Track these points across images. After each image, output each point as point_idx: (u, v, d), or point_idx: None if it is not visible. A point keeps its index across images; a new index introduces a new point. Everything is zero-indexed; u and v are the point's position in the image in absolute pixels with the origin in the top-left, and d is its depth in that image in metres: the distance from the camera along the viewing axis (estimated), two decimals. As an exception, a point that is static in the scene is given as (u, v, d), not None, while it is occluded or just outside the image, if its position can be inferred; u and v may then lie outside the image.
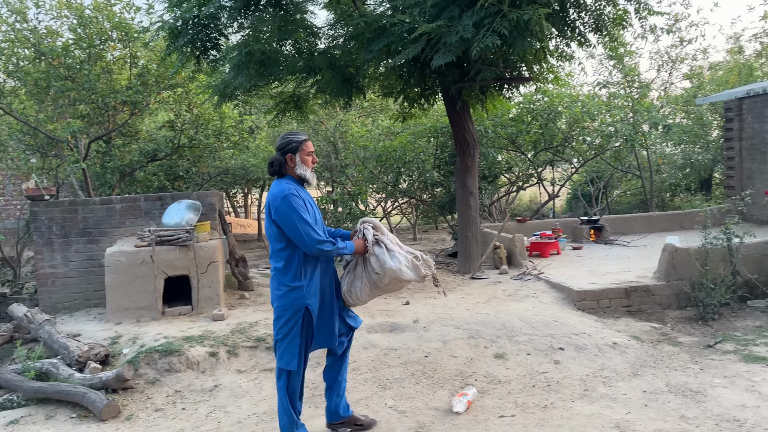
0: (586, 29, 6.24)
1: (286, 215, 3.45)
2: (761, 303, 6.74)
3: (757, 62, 15.39)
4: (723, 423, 3.82)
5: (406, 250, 3.79)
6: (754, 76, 14.90)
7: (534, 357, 5.23)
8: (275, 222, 3.50)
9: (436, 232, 16.72)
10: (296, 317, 3.54)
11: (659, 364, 5.05)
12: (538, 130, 12.06)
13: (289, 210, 3.44)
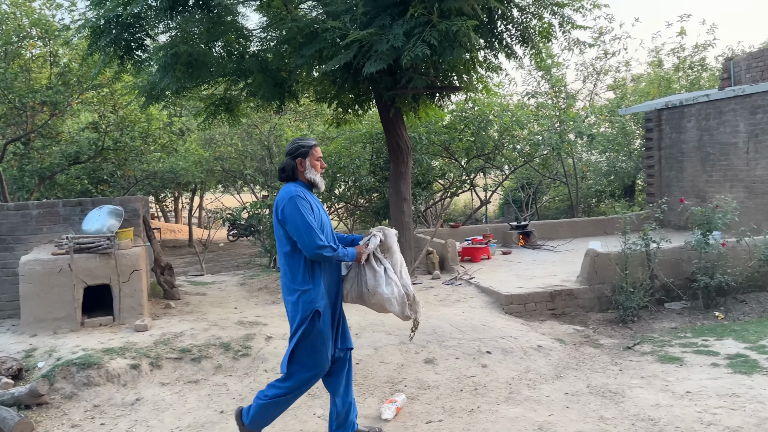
0: (513, 41, 6.43)
1: (290, 216, 3.46)
2: (677, 305, 7.11)
3: (675, 75, 16.30)
4: (639, 423, 3.99)
5: (403, 283, 3.75)
6: (672, 89, 15.76)
7: (463, 361, 5.31)
8: (281, 223, 3.52)
9: (373, 238, 16.77)
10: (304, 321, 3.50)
11: (581, 366, 5.23)
12: (470, 138, 12.31)
13: (294, 211, 3.46)
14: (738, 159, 10.68)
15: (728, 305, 7.01)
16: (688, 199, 11.06)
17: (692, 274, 7.07)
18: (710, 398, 4.32)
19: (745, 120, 10.47)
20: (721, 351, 5.42)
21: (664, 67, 16.51)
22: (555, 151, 12.34)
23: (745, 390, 4.43)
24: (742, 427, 3.80)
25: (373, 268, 3.70)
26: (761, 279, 7.48)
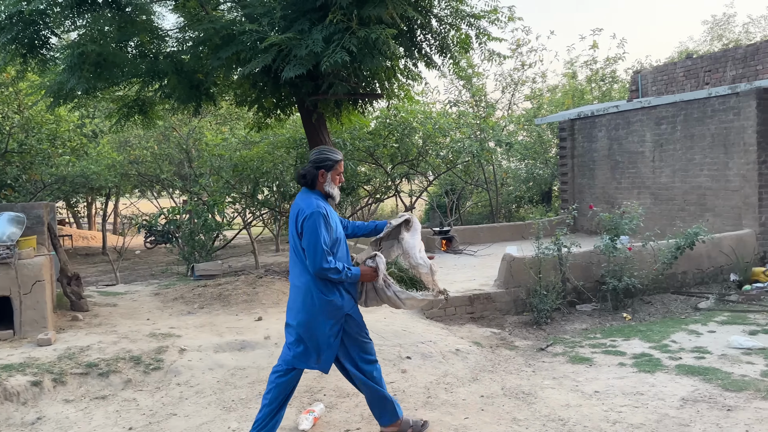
0: (432, 51, 6.54)
1: (308, 231, 3.56)
2: (588, 307, 7.43)
3: (588, 87, 17.12)
4: (549, 423, 4.12)
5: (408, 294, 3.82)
6: (585, 99, 16.54)
7: (383, 367, 5.25)
8: (299, 234, 3.62)
9: (300, 243, 16.57)
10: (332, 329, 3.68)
11: (497, 369, 5.35)
12: (394, 144, 12.43)
13: (312, 229, 3.55)
14: (644, 167, 11.33)
15: (635, 306, 7.40)
16: (599, 205, 11.61)
17: (601, 277, 7.41)
18: (616, 397, 4.52)
19: (651, 130, 11.12)
20: (628, 351, 5.70)
21: (578, 79, 17.31)
22: (476, 158, 12.65)
23: (648, 388, 4.68)
24: (644, 424, 4.00)
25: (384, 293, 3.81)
26: (665, 281, 7.95)
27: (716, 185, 9.84)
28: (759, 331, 6.11)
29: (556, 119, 13.62)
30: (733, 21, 23.78)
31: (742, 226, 9.30)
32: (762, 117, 9.08)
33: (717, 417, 4.03)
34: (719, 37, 23.28)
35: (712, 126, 9.88)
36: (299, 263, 3.68)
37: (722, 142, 9.68)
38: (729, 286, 8.28)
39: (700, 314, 7.03)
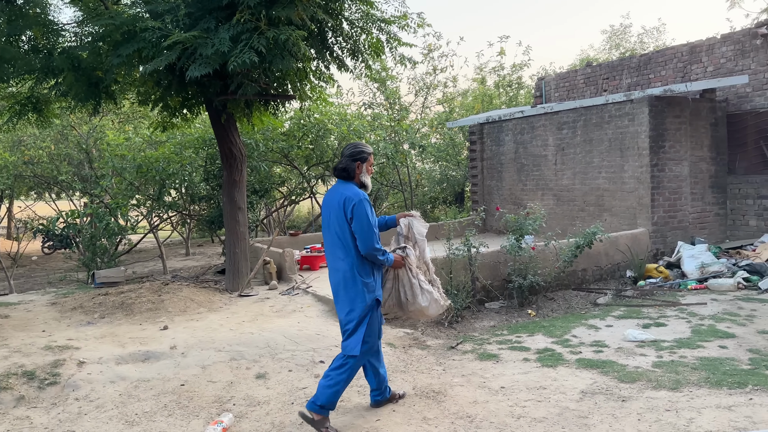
0: (344, 54, 6.55)
1: (359, 216, 3.97)
2: (496, 305, 7.68)
3: (496, 92, 17.73)
4: (458, 420, 4.22)
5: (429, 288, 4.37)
6: (494, 104, 17.11)
7: (296, 373, 5.25)
8: (348, 220, 3.99)
9: (213, 246, 16.10)
10: (369, 311, 4.06)
11: (409, 369, 5.42)
12: (309, 146, 12.34)
13: (363, 213, 3.99)
14: (548, 170, 11.86)
15: (539, 303, 7.73)
16: (506, 206, 12.05)
17: (508, 275, 7.69)
18: (521, 392, 4.70)
19: (553, 135, 11.67)
20: (532, 346, 5.94)
21: (487, 84, 17.89)
22: (390, 160, 12.79)
23: (550, 382, 4.89)
24: (546, 417, 4.18)
25: (409, 281, 4.32)
26: (567, 278, 8.36)
27: (613, 187, 10.47)
28: (651, 325, 6.54)
29: (467, 123, 14.01)
30: (629, 31, 25.44)
31: (636, 225, 9.94)
32: (654, 123, 9.76)
33: (613, 408, 4.28)
34: (617, 46, 24.80)
35: (609, 131, 10.50)
36: (342, 247, 4.07)
37: (618, 146, 10.31)
38: (625, 282, 8.83)
39: (598, 309, 7.44)
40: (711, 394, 4.40)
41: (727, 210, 10.62)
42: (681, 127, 10.02)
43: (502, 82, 17.27)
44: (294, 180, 13.59)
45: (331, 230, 4.13)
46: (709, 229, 10.40)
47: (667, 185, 9.93)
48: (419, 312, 4.43)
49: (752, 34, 10.16)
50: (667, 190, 9.94)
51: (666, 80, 11.50)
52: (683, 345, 5.73)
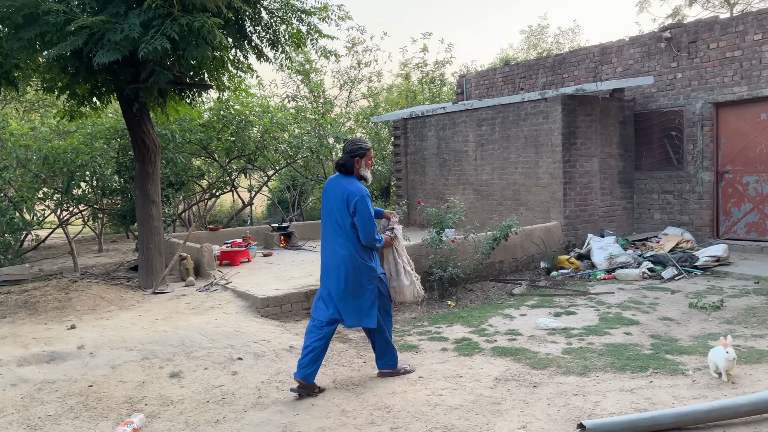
0: (263, 44, 6.42)
1: (362, 210, 4.47)
2: (417, 297, 7.79)
3: (420, 88, 17.95)
4: (376, 411, 4.25)
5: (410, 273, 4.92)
6: (418, 100, 17.31)
7: (212, 371, 5.12)
8: (352, 213, 4.49)
9: (128, 242, 15.39)
10: (373, 287, 4.62)
11: (329, 362, 5.41)
12: (230, 138, 12.03)
13: (365, 208, 4.49)
14: (468, 165, 12.14)
15: (459, 294, 7.91)
16: (429, 200, 12.24)
17: (429, 268, 7.82)
18: (438, 381, 4.79)
19: (473, 131, 11.95)
20: (450, 336, 6.07)
21: (411, 80, 18.07)
22: (315, 153, 12.68)
23: (466, 370, 5.01)
24: (461, 405, 4.28)
25: (394, 259, 4.85)
26: (485, 270, 8.60)
27: (529, 182, 10.85)
28: (562, 313, 6.84)
29: (391, 118, 14.11)
30: (546, 32, 26.38)
31: (550, 218, 10.35)
32: (566, 120, 10.18)
33: (524, 393, 4.44)
34: (534, 46, 25.68)
35: (525, 128, 10.86)
36: (343, 235, 4.55)
37: (534, 143, 10.69)
38: (539, 273, 9.18)
39: (514, 299, 7.70)
40: (616, 378, 4.64)
41: (634, 204, 11.25)
42: (592, 125, 10.52)
43: (426, 78, 17.51)
44: (214, 173, 13.21)
45: (332, 218, 4.61)
46: (618, 222, 10.98)
47: (578, 180, 10.39)
48: (399, 291, 4.87)
49: (657, 37, 10.79)
50: (579, 185, 10.41)
51: (579, 80, 12.02)
52: (591, 332, 6.03)
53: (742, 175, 9.93)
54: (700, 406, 3.71)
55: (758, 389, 4.10)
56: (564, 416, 3.95)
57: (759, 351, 5.15)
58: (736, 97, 9.70)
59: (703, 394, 4.19)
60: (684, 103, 10.40)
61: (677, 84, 10.49)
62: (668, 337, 5.83)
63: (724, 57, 9.80)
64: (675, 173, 10.65)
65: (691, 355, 5.16)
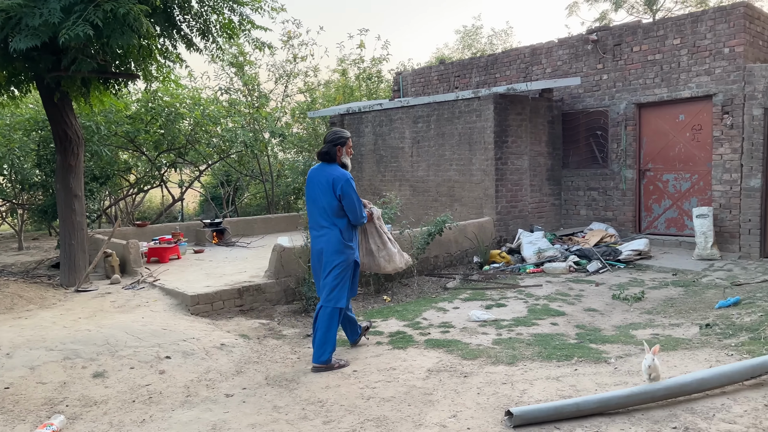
0: (193, 33, 6.23)
1: (348, 193, 4.84)
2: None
3: (357, 85, 17.93)
4: (309, 406, 4.22)
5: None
6: (354, 96, 17.29)
7: (138, 370, 4.95)
8: (339, 197, 4.83)
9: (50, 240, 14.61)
10: (349, 268, 4.99)
11: (263, 359, 5.34)
12: (159, 130, 11.63)
13: (351, 190, 4.86)
14: (405, 161, 12.25)
15: (395, 289, 7.97)
16: (366, 197, 12.25)
17: (365, 263, 7.83)
18: (372, 374, 4.81)
19: (409, 128, 12.05)
20: (386, 330, 6.11)
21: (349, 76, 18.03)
22: (249, 148, 12.44)
23: (400, 363, 5.06)
24: (394, 396, 4.32)
25: (377, 231, 5.33)
26: (420, 265, 8.69)
27: (463, 178, 11.06)
28: (493, 305, 7.01)
29: (327, 113, 14.03)
30: (480, 32, 26.92)
31: (483, 214, 10.58)
32: (498, 119, 10.43)
33: (455, 383, 4.52)
34: (469, 46, 26.16)
35: (459, 125, 11.05)
36: (329, 218, 4.91)
37: (467, 140, 10.89)
38: (472, 267, 9.38)
39: (448, 293, 7.83)
40: (542, 367, 4.80)
41: (562, 200, 11.66)
42: (522, 123, 10.82)
43: (363, 74, 17.50)
44: (142, 167, 12.74)
45: (317, 204, 4.94)
46: (546, 217, 11.35)
47: (509, 177, 10.68)
48: (389, 259, 5.36)
49: (584, 39, 11.21)
50: (510, 182, 10.69)
51: (510, 79, 12.33)
52: (520, 323, 6.21)
53: (662, 172, 10.47)
54: (620, 391, 3.89)
55: (674, 374, 4.33)
56: (493, 404, 4.05)
57: (676, 339, 5.45)
58: (657, 99, 10.21)
59: (624, 380, 4.39)
60: (609, 104, 10.86)
61: (603, 85, 10.94)
62: (592, 327, 6.08)
63: (646, 60, 10.30)
64: (600, 171, 11.11)
65: (614, 343, 5.40)
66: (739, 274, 8.01)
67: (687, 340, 5.39)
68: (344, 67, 17.33)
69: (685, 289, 7.45)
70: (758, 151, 8.97)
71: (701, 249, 9.14)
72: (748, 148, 9.06)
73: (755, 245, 9.07)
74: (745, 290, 7.03)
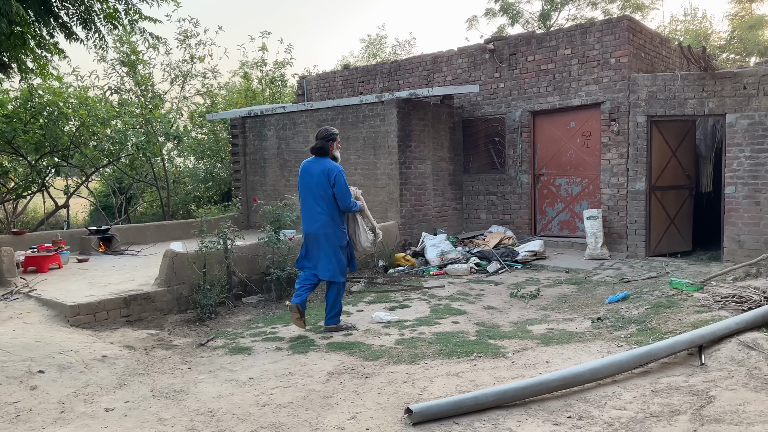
0: (73, 21, 5.73)
1: (340, 183, 5.65)
2: (254, 299, 7.48)
3: (260, 88, 17.50)
4: (198, 417, 3.93)
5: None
6: (257, 100, 16.86)
7: (5, 387, 4.42)
8: (332, 185, 5.65)
9: None
10: (344, 248, 5.88)
11: (149, 371, 4.96)
12: (39, 131, 10.71)
13: (342, 180, 5.68)
14: (308, 166, 12.02)
15: (296, 294, 7.72)
16: (270, 203, 11.90)
17: (267, 268, 7.56)
18: (269, 380, 4.58)
19: (314, 131, 11.85)
20: (286, 335, 5.88)
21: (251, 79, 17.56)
22: (141, 151, 11.73)
23: (300, 368, 4.86)
24: (291, 402, 4.11)
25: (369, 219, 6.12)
26: (323, 269, 8.50)
27: (368, 183, 11.01)
28: (397, 307, 6.95)
29: (228, 116, 13.57)
30: (384, 42, 27.22)
31: (388, 218, 10.57)
32: (401, 123, 10.48)
33: (356, 385, 4.38)
34: (374, 55, 26.37)
35: (364, 130, 11.01)
36: (323, 204, 5.72)
37: (372, 145, 10.87)
38: (378, 270, 9.31)
39: (352, 296, 7.70)
40: (443, 364, 4.77)
41: (463, 204, 11.89)
42: (425, 129, 10.95)
43: (265, 78, 17.11)
44: (22, 171, 11.69)
45: (312, 192, 5.73)
46: (449, 221, 11.53)
47: (413, 182, 10.75)
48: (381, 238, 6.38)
49: (482, 48, 11.54)
50: (414, 186, 10.77)
51: (413, 86, 12.47)
52: (423, 323, 6.18)
53: (555, 177, 10.93)
54: (517, 383, 3.91)
55: (568, 365, 4.43)
56: (393, 403, 3.95)
57: (569, 332, 5.62)
58: (550, 107, 10.66)
59: (521, 373, 4.44)
60: (506, 111, 11.22)
61: (500, 93, 11.29)
62: (491, 324, 6.17)
63: (540, 69, 10.74)
64: (498, 176, 11.44)
65: (511, 339, 5.48)
66: (627, 272, 8.46)
67: (580, 333, 5.57)
68: (246, 70, 16.85)
69: (577, 287, 7.76)
70: (642, 156, 9.56)
71: (592, 249, 9.60)
72: (633, 153, 9.64)
73: (641, 245, 9.64)
74: (632, 286, 7.41)
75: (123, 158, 12.62)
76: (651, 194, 9.62)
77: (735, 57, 19.03)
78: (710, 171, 10.43)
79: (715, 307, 5.56)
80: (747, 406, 3.54)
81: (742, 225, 8.67)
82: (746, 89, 8.56)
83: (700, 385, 3.93)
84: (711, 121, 10.27)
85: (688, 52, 9.03)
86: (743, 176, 8.65)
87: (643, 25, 10.56)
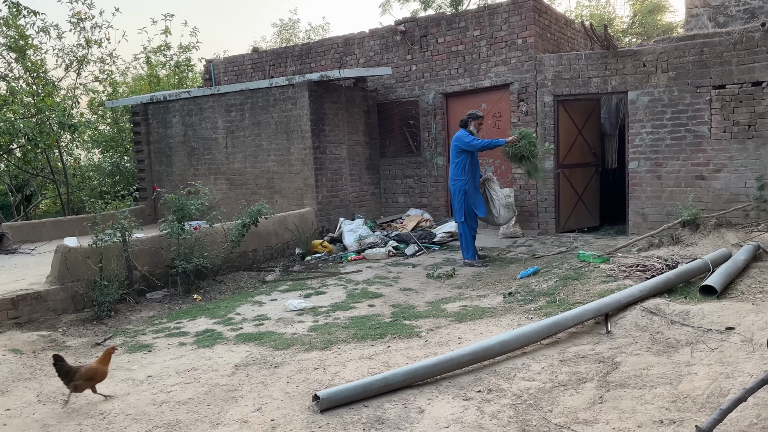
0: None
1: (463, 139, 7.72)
2: (158, 294, 7.06)
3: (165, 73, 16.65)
4: (86, 420, 3.60)
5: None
6: (162, 86, 16.03)
7: None
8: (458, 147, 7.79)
9: None
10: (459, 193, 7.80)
11: (36, 375, 4.53)
12: None
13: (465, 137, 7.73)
14: (219, 153, 11.56)
15: (207, 287, 7.38)
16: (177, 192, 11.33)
17: (172, 260, 7.15)
18: (170, 377, 4.29)
19: (222, 117, 11.39)
20: (192, 330, 5.57)
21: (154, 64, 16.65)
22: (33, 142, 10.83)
23: (204, 362, 4.59)
24: (192, 398, 3.85)
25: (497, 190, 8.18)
26: (237, 259, 8.18)
27: (282, 169, 10.69)
28: (313, 294, 6.76)
29: (129, 103, 12.80)
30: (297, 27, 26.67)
31: (304, 205, 10.32)
32: (314, 107, 10.22)
33: (264, 375, 4.17)
34: (287, 40, 25.77)
35: (275, 114, 10.66)
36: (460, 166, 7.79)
37: (284, 129, 10.55)
38: (294, 258, 9.06)
39: (266, 286, 7.43)
40: (356, 348, 4.63)
41: (381, 189, 11.80)
42: (339, 112, 10.73)
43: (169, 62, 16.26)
44: None
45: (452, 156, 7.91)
46: (367, 206, 11.41)
47: (329, 167, 10.53)
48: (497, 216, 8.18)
49: (393, 30, 11.43)
50: (330, 171, 10.55)
51: (325, 69, 12.20)
52: (338, 308, 6.02)
53: (469, 158, 11.01)
54: (427, 361, 3.83)
55: (480, 339, 4.40)
56: (302, 391, 3.77)
57: (482, 308, 5.62)
58: (462, 88, 10.71)
59: (434, 351, 4.37)
60: (419, 94, 11.18)
61: (413, 76, 11.24)
62: (407, 305, 6.10)
63: (450, 51, 10.76)
64: (414, 159, 11.42)
65: (426, 318, 5.42)
66: (538, 248, 8.65)
67: (492, 308, 5.59)
68: (148, 54, 15.94)
69: (491, 264, 7.84)
70: (550, 135, 9.79)
71: (505, 228, 9.75)
72: (541, 133, 9.85)
73: (551, 222, 9.90)
74: (543, 261, 7.57)
75: (16, 151, 11.61)
76: (559, 172, 9.87)
77: (637, 41, 19.96)
78: (615, 148, 10.82)
79: (621, 277, 5.73)
80: (650, 370, 3.62)
81: (646, 198, 9.05)
82: (645, 66, 8.90)
83: (606, 352, 3.99)
84: (614, 99, 10.65)
85: (591, 31, 9.29)
86: (645, 151, 9.01)
87: (548, 5, 10.77)
